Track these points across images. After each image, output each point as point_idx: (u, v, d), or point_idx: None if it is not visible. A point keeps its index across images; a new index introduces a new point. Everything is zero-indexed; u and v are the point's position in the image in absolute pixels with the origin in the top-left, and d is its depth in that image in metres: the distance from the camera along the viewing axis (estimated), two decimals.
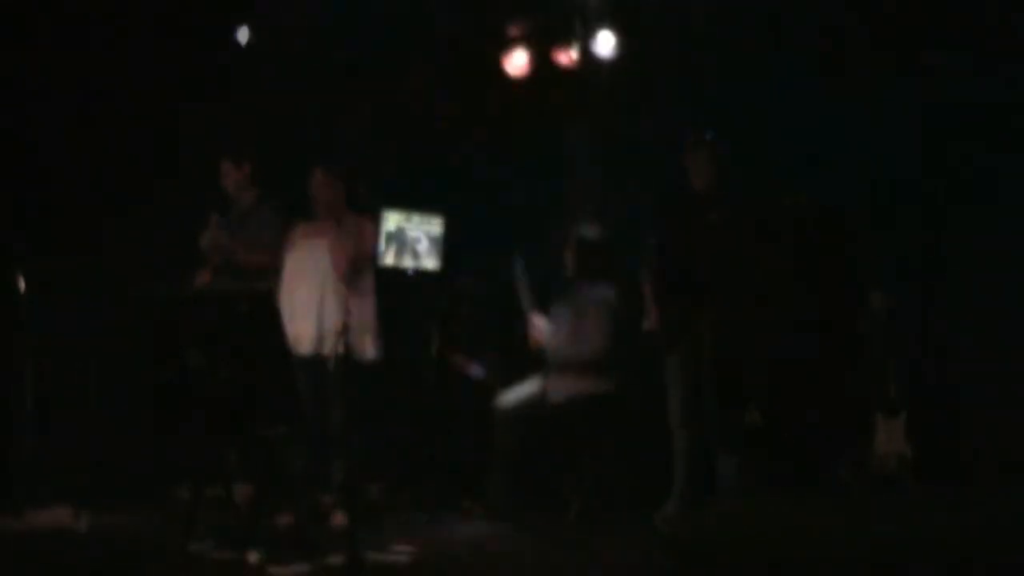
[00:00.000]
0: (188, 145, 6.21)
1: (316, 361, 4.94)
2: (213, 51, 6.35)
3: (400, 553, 4.51)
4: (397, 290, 6.04)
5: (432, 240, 6.08)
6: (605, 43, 6.07)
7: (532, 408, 5.52)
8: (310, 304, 5.03)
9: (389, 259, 5.86)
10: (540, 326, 5.61)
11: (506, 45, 6.20)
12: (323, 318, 5.00)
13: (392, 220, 5.93)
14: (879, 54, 5.51)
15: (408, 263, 6.00)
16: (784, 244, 5.30)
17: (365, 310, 5.09)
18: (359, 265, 5.08)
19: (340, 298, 4.98)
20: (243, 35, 6.30)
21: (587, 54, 6.11)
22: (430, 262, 6.06)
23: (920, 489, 4.97)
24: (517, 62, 6.22)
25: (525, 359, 5.80)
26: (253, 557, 4.27)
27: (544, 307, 5.78)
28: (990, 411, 5.12)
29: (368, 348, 5.08)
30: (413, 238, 5.99)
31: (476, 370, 5.97)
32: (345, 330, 4.30)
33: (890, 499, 4.93)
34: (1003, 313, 5.22)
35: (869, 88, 5.57)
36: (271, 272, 5.37)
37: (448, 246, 6.15)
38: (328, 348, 4.91)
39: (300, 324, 4.97)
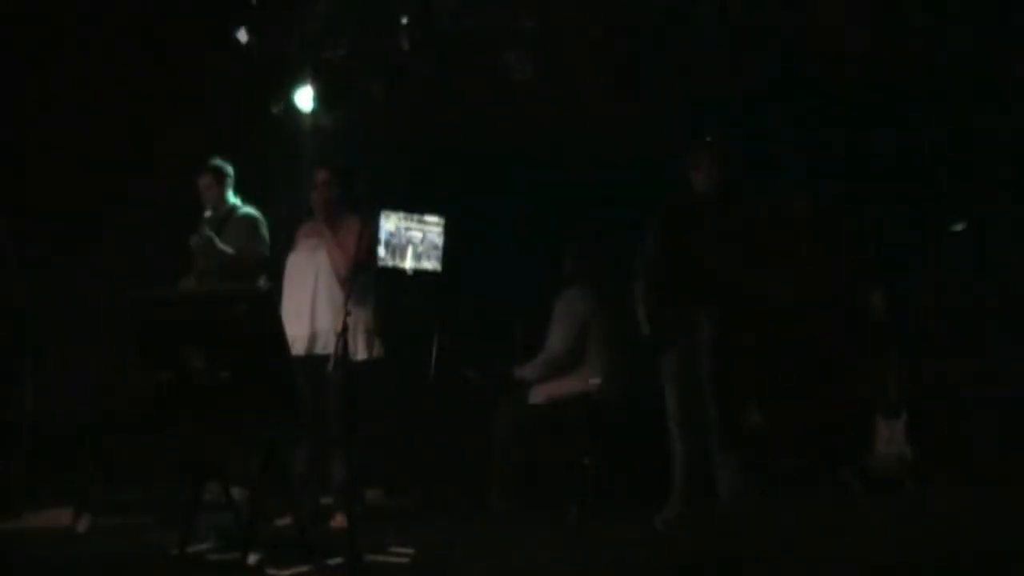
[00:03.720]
0: (184, 147, 6.24)
1: (310, 361, 4.94)
2: (208, 56, 6.39)
3: (399, 554, 4.51)
4: (397, 290, 6.05)
5: (432, 240, 6.08)
6: None
7: (525, 413, 5.53)
8: (303, 304, 5.04)
9: (389, 259, 5.86)
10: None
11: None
12: (315, 318, 5.02)
13: (392, 220, 5.93)
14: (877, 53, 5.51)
15: (408, 263, 6.00)
16: (784, 245, 5.29)
17: (362, 310, 5.09)
18: (356, 266, 5.09)
19: (332, 298, 5.01)
20: (242, 35, 6.32)
21: None
22: (430, 262, 6.06)
23: (920, 489, 4.97)
24: None
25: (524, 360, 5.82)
26: (253, 558, 4.26)
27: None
28: (990, 411, 5.12)
29: (361, 348, 5.08)
30: (413, 238, 5.98)
31: (475, 371, 5.97)
32: (345, 331, 4.30)
33: (890, 499, 4.93)
34: (1003, 312, 5.22)
35: (868, 87, 5.57)
36: (257, 273, 5.40)
37: (448, 246, 6.15)
38: (320, 348, 4.93)
39: (293, 324, 4.98)
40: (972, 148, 5.43)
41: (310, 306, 5.05)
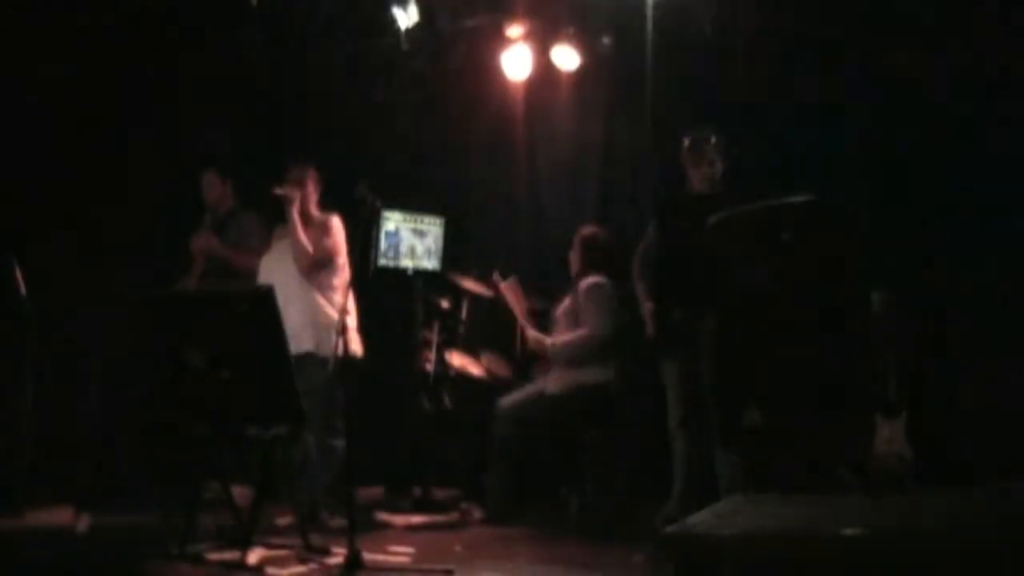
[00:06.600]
0: (185, 149, 6.26)
1: None
2: (205, 54, 6.40)
3: (399, 554, 4.52)
4: (397, 290, 6.05)
5: (432, 240, 6.08)
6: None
7: (531, 407, 5.52)
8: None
9: (389, 259, 5.86)
10: (534, 336, 5.63)
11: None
12: (289, 318, 4.99)
13: (392, 220, 5.93)
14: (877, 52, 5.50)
15: (408, 263, 6.00)
16: (784, 244, 5.29)
17: (335, 306, 5.08)
18: (324, 262, 5.10)
19: (305, 297, 5.01)
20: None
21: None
22: (430, 262, 6.06)
23: (920, 489, 4.97)
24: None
25: (524, 359, 5.82)
26: (253, 558, 4.27)
27: (543, 309, 5.81)
28: (990, 411, 5.12)
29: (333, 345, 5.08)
30: (412, 238, 5.98)
31: (473, 371, 5.97)
32: (344, 330, 4.31)
33: (890, 499, 4.92)
34: (1003, 313, 5.21)
35: (867, 86, 5.56)
36: (256, 274, 5.41)
37: (448, 246, 6.15)
38: (295, 348, 4.91)
39: None
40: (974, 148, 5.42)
41: (283, 304, 5.00)
